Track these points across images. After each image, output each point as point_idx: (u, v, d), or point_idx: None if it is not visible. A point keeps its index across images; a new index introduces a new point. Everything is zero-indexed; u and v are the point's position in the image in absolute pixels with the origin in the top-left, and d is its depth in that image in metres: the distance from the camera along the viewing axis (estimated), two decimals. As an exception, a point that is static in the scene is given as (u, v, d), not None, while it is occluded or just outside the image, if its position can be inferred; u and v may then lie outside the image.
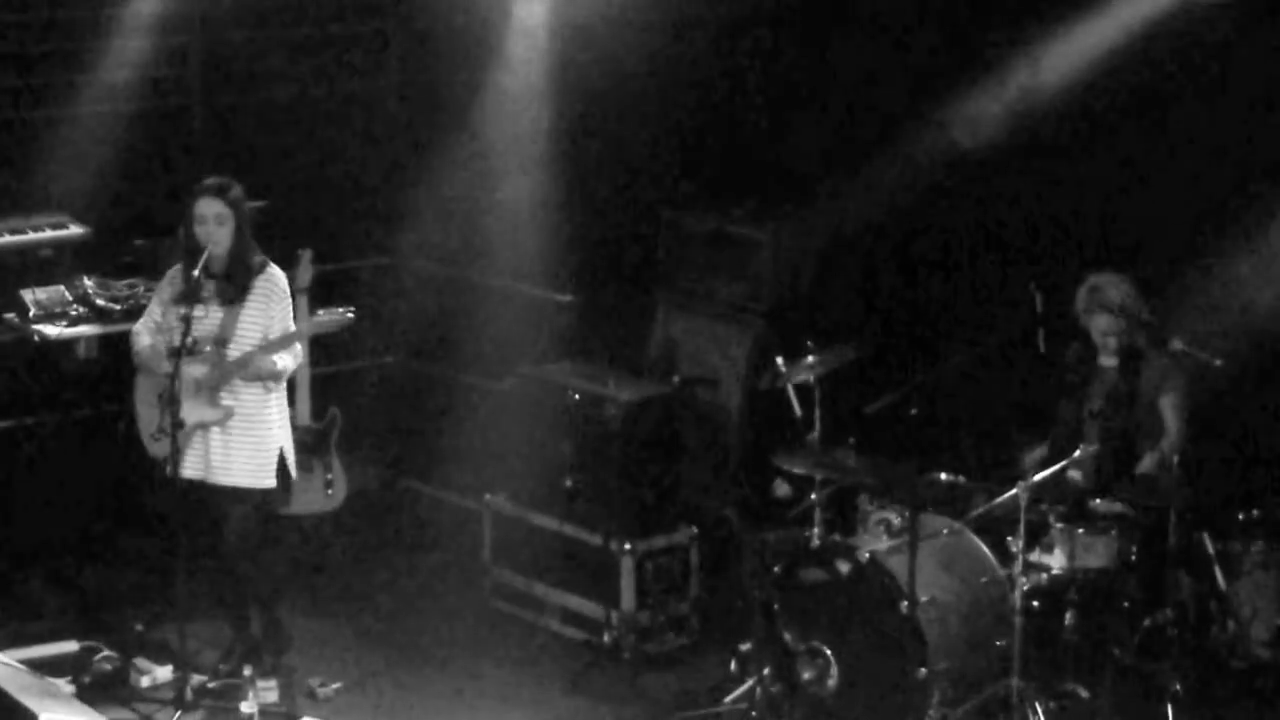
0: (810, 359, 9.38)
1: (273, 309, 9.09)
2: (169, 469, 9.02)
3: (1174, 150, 9.92)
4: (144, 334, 9.22)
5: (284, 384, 9.25)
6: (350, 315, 9.20)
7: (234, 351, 9.05)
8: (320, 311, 9.35)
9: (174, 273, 9.25)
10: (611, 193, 11.56)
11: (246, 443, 9.13)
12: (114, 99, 11.08)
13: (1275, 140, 9.66)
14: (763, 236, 11.06)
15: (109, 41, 11.01)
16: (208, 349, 9.03)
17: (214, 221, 9.02)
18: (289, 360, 9.15)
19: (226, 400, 9.08)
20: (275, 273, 9.17)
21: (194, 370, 9.04)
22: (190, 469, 9.12)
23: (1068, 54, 10.20)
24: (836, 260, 11.06)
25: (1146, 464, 9.19)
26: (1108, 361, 9.46)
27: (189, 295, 9.00)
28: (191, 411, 9.04)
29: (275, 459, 9.19)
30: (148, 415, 9.24)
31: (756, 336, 10.99)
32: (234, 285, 9.07)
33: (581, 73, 11.27)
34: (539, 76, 11.37)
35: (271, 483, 9.20)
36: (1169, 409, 9.29)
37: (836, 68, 10.96)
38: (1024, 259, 10.35)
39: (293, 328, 9.18)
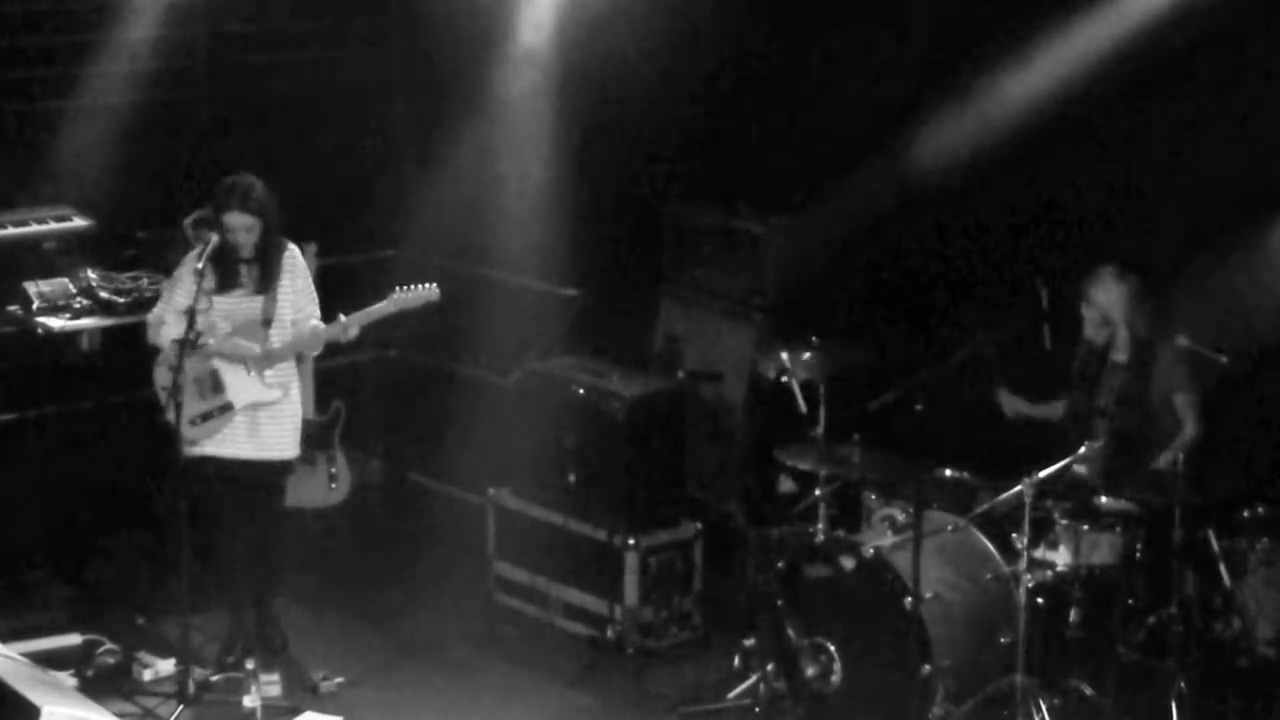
0: (808, 354, 9.38)
1: (297, 283, 9.38)
2: (187, 451, 9.11)
3: (1180, 145, 9.90)
4: (171, 325, 9.27)
5: None
6: (436, 289, 9.29)
7: (276, 331, 9.26)
8: (399, 288, 9.32)
9: (193, 261, 9.24)
10: (616, 187, 11.55)
11: (285, 416, 9.34)
12: (118, 91, 11.06)
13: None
14: (767, 232, 11.05)
15: (113, 33, 10.99)
16: (210, 340, 9.12)
17: (243, 231, 9.25)
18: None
19: (274, 378, 9.28)
20: (295, 251, 9.43)
21: (240, 351, 9.20)
22: (234, 448, 9.27)
23: (1072, 48, 10.19)
24: (841, 255, 11.04)
25: (1165, 460, 9.17)
26: (1118, 358, 9.45)
27: (199, 288, 9.11)
28: (242, 392, 9.20)
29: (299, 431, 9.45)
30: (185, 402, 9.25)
31: (760, 331, 10.98)
32: (267, 269, 9.31)
33: (587, 67, 11.24)
34: (544, 70, 11.35)
35: (296, 452, 9.45)
36: (1186, 406, 9.29)
37: (841, 63, 10.93)
38: (1030, 254, 10.33)
39: (316, 317, 9.35)
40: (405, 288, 9.29)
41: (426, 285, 9.29)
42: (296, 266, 9.38)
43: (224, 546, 9.45)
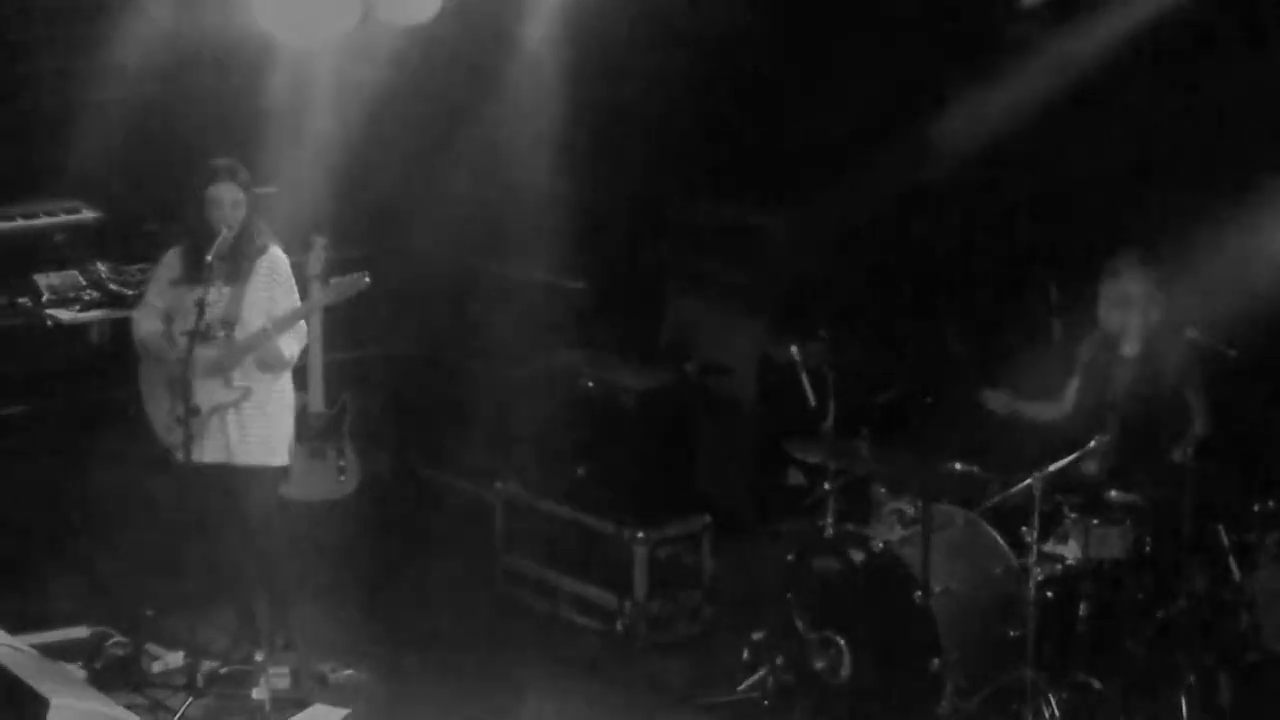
0: (817, 347, 9.38)
1: (276, 291, 9.18)
2: (182, 456, 9.01)
3: (1182, 140, 9.90)
4: (145, 321, 9.24)
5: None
6: (366, 279, 9.18)
7: (240, 332, 9.10)
8: (332, 279, 9.35)
9: (171, 257, 9.26)
10: (624, 181, 11.55)
11: (261, 421, 9.18)
12: (128, 84, 11.06)
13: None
14: (774, 225, 11.06)
15: (123, 27, 10.99)
16: (221, 334, 9.07)
17: (230, 206, 9.09)
18: (294, 346, 9.19)
19: (239, 381, 9.11)
20: (278, 254, 9.23)
21: (205, 354, 9.06)
22: (211, 453, 9.14)
23: (1077, 45, 10.20)
24: (849, 248, 11.04)
25: (1178, 454, 9.15)
26: (1128, 351, 9.44)
27: (202, 278, 9.01)
28: (207, 395, 9.06)
29: (288, 436, 9.28)
30: (158, 404, 9.23)
31: (769, 324, 10.98)
32: (238, 265, 9.12)
33: (594, 60, 11.24)
34: (552, 64, 11.34)
35: (285, 460, 9.29)
36: (1195, 399, 9.28)
37: (846, 58, 10.93)
38: (1038, 249, 10.33)
39: (299, 304, 9.23)
40: (337, 278, 9.24)
41: (356, 275, 9.18)
42: (278, 273, 9.19)
43: (218, 549, 9.44)
